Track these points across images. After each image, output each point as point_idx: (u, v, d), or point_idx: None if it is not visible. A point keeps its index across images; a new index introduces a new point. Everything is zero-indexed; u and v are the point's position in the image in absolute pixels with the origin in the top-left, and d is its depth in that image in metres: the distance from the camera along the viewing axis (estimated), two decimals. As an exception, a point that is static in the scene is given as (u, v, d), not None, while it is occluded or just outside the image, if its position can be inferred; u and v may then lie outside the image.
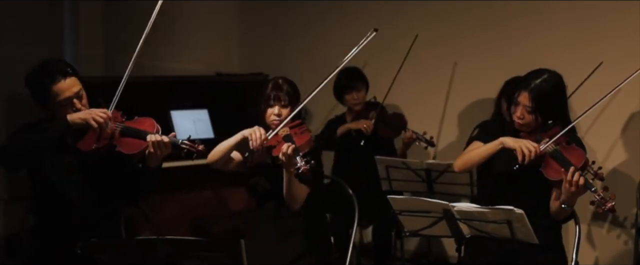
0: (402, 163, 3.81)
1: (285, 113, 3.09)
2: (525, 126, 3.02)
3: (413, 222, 2.88)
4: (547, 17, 4.49)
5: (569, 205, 2.86)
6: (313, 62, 5.24)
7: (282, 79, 3.19)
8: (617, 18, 4.26)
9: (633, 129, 4.24)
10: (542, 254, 2.97)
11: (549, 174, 2.88)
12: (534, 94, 2.94)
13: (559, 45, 4.40)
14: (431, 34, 4.88)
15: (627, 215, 4.28)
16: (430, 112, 4.86)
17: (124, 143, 2.86)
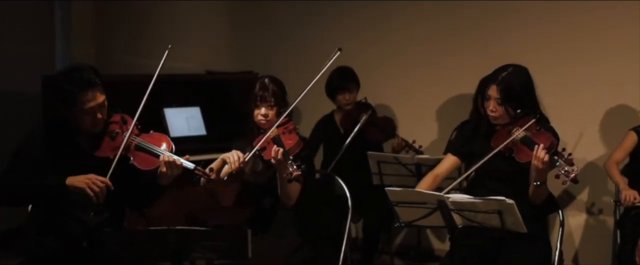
0: (394, 158, 3.94)
1: (272, 114, 3.17)
2: (498, 119, 3.20)
3: (408, 213, 2.99)
4: (523, 17, 4.65)
5: (541, 182, 3.04)
6: (302, 60, 5.34)
7: (268, 79, 3.25)
8: (591, 17, 4.44)
9: (609, 122, 4.42)
10: (529, 244, 3.11)
11: (520, 157, 3.08)
12: (501, 86, 3.15)
13: (534, 45, 4.57)
14: (416, 34, 5.03)
15: (604, 206, 4.47)
16: (416, 110, 4.99)
17: (138, 157, 2.93)
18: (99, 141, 2.96)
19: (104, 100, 2.92)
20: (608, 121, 4.42)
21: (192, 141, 4.71)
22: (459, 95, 4.84)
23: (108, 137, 2.96)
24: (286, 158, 2.95)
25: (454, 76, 4.88)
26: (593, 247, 4.53)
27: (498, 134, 3.21)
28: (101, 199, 2.80)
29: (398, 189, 3.02)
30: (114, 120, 3.01)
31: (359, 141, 4.28)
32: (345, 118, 4.43)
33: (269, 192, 3.23)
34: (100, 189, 2.79)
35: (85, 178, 2.81)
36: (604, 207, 4.48)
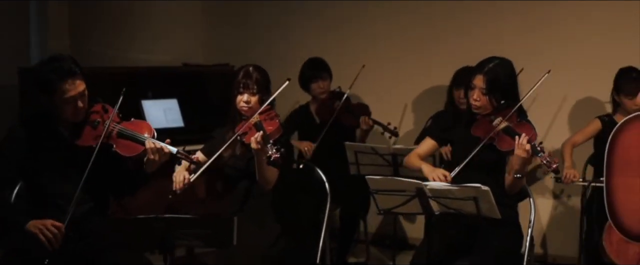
0: (371, 148, 4.04)
1: (254, 100, 3.26)
2: (480, 108, 3.29)
3: (387, 200, 3.10)
4: (496, 10, 4.79)
5: (521, 175, 3.15)
6: (276, 53, 5.42)
7: (252, 67, 3.33)
8: (561, 10, 4.59)
9: (578, 113, 4.58)
10: (501, 230, 3.23)
11: (502, 146, 3.18)
12: (488, 76, 3.23)
13: (506, 37, 4.71)
14: (390, 27, 5.14)
15: (572, 193, 4.64)
16: (392, 102, 5.10)
17: (121, 145, 2.97)
18: (81, 131, 3.00)
19: (85, 89, 2.95)
20: (577, 112, 4.59)
21: (170, 133, 4.69)
22: (433, 86, 4.96)
23: (89, 127, 3.00)
24: (266, 142, 3.03)
25: (428, 68, 5.00)
26: (561, 233, 4.70)
27: (478, 123, 3.30)
28: (56, 245, 2.81)
29: (377, 177, 3.11)
30: (95, 110, 3.05)
31: (336, 128, 4.37)
32: (321, 107, 4.51)
33: (245, 175, 3.31)
34: (54, 235, 2.81)
35: (39, 223, 2.82)
36: (572, 191, 4.64)
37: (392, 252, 4.85)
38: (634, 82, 3.92)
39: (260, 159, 3.13)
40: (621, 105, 4.05)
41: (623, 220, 2.57)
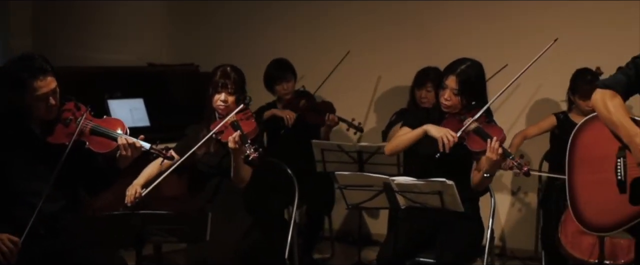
0: (337, 146, 4.13)
1: (231, 100, 3.33)
2: (451, 107, 3.39)
3: (356, 195, 3.19)
4: (456, 12, 4.92)
5: (490, 174, 3.26)
6: (241, 52, 5.44)
7: (230, 67, 3.41)
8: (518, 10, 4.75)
9: (535, 113, 4.73)
10: (464, 224, 3.36)
11: (473, 146, 3.28)
12: (460, 77, 3.33)
13: (467, 39, 4.85)
14: (353, 27, 5.24)
15: (529, 189, 4.81)
16: (356, 101, 5.20)
17: (94, 141, 2.99)
18: (53, 128, 3.01)
19: (56, 86, 2.97)
20: (534, 112, 4.74)
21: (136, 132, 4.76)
22: (395, 86, 5.08)
23: (61, 124, 3.02)
24: (244, 141, 3.10)
25: (390, 68, 5.11)
26: (518, 227, 4.86)
27: (448, 122, 3.39)
28: (11, 260, 2.79)
29: (346, 173, 3.20)
30: (67, 108, 3.07)
31: (301, 127, 4.45)
32: (286, 107, 4.56)
33: (219, 172, 3.38)
34: (10, 250, 2.79)
35: None
36: (529, 188, 4.81)
37: (356, 248, 4.96)
38: (589, 84, 4.07)
39: (237, 158, 3.19)
40: (576, 105, 4.20)
41: (584, 214, 2.68)
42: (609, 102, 2.59)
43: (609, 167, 2.59)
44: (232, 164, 3.25)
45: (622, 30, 4.39)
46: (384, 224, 5.11)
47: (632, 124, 2.51)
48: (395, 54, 5.12)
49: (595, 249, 3.74)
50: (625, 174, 2.53)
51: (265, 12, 5.54)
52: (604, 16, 4.50)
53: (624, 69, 2.64)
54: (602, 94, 2.63)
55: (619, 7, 4.43)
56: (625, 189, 2.52)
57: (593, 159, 2.68)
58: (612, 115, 2.56)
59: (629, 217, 2.52)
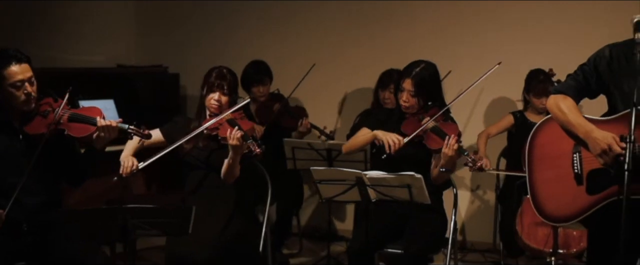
0: (307, 144, 4.29)
1: (225, 100, 3.45)
2: (410, 108, 3.59)
3: (329, 190, 3.35)
4: (415, 15, 5.13)
5: (447, 170, 3.44)
6: (209, 55, 5.56)
7: (226, 69, 3.53)
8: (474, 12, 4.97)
9: (492, 112, 4.97)
10: (428, 216, 3.56)
11: (431, 145, 3.47)
12: (415, 80, 3.52)
13: (426, 41, 5.07)
14: (319, 31, 5.40)
15: (487, 185, 5.05)
16: (323, 102, 5.36)
17: (73, 127, 3.09)
18: (32, 120, 3.09)
19: (32, 76, 3.05)
20: (491, 111, 4.98)
21: (106, 132, 4.85)
22: (359, 88, 5.27)
23: (40, 116, 3.10)
24: (245, 139, 3.24)
25: (354, 70, 5.29)
26: (477, 221, 5.10)
27: (408, 122, 3.58)
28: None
29: (321, 168, 3.36)
30: (45, 102, 3.16)
31: (274, 129, 4.58)
32: (260, 109, 4.69)
33: (205, 167, 3.49)
34: None
35: None
36: (487, 186, 5.06)
37: (322, 244, 5.13)
38: (542, 83, 4.33)
39: (236, 154, 3.30)
40: (531, 104, 4.45)
41: (545, 207, 2.86)
42: (563, 104, 2.79)
43: (565, 164, 2.78)
44: (228, 161, 3.35)
45: (574, 33, 4.66)
46: (350, 221, 5.30)
47: (586, 121, 2.71)
48: (359, 57, 5.30)
49: (550, 239, 3.98)
50: (581, 168, 2.73)
51: (234, 14, 5.65)
52: (557, 19, 4.76)
53: (573, 75, 2.86)
54: (555, 98, 2.83)
55: (571, 10, 4.70)
56: (582, 180, 2.73)
57: (550, 157, 2.86)
58: (567, 116, 2.75)
59: (586, 207, 2.71)
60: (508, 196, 4.44)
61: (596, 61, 2.76)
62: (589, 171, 2.72)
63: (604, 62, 2.73)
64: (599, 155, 2.61)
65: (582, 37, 4.53)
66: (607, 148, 2.57)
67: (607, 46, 2.75)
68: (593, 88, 2.79)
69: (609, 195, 2.64)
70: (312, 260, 4.83)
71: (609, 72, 2.72)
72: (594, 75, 2.77)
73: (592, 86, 2.79)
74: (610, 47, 2.74)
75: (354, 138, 3.72)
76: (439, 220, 3.66)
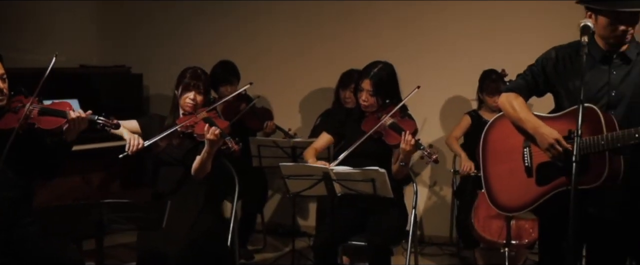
0: (272, 142, 4.42)
1: (200, 99, 3.57)
2: (369, 107, 3.75)
3: (297, 184, 3.49)
4: (376, 17, 5.29)
5: (405, 163, 3.61)
6: (171, 55, 5.66)
7: (200, 70, 3.65)
8: (432, 16, 5.17)
9: (447, 110, 5.18)
10: (390, 210, 3.72)
11: (389, 140, 3.63)
12: (373, 80, 3.70)
13: (386, 42, 5.24)
14: (282, 32, 5.52)
15: (443, 181, 5.25)
16: (286, 102, 5.49)
17: (43, 121, 3.17)
18: (3, 116, 3.15)
19: (4, 73, 3.12)
20: (446, 109, 5.19)
21: (72, 132, 4.88)
22: (321, 88, 5.41)
23: (11, 113, 3.16)
24: (223, 136, 3.37)
25: (316, 71, 5.43)
26: (434, 216, 5.30)
27: (368, 120, 3.74)
28: None
29: (290, 164, 3.50)
30: (16, 99, 3.23)
31: (239, 129, 4.65)
32: (227, 108, 4.77)
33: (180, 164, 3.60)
34: None
35: None
36: (443, 182, 5.26)
37: (286, 239, 5.27)
38: (494, 82, 4.54)
39: (211, 150, 3.41)
40: (484, 102, 4.66)
41: (499, 199, 3.06)
42: (514, 102, 2.99)
43: (517, 157, 2.98)
44: (201, 155, 3.45)
45: (525, 35, 4.89)
46: (312, 218, 5.44)
47: (535, 118, 2.91)
48: (321, 57, 5.44)
49: (503, 231, 4.19)
50: (531, 161, 2.94)
51: (198, 15, 5.74)
52: (509, 22, 4.99)
53: (523, 74, 3.06)
54: (507, 96, 3.03)
55: (523, 14, 4.93)
56: (532, 173, 2.93)
57: (502, 152, 3.05)
58: (518, 113, 2.95)
59: (536, 198, 2.91)
60: (464, 191, 4.63)
61: (544, 62, 2.96)
62: (538, 164, 2.92)
63: (551, 64, 2.94)
64: (547, 149, 2.81)
65: (532, 39, 4.72)
66: (553, 142, 2.77)
67: (553, 48, 2.96)
68: (541, 87, 3.00)
69: (557, 186, 2.84)
70: (277, 255, 4.95)
71: (555, 73, 2.92)
72: (541, 75, 2.97)
73: (540, 85, 2.99)
74: (556, 49, 2.95)
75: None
76: (400, 213, 3.82)
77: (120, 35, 5.97)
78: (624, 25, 2.71)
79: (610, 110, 2.77)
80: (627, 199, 2.82)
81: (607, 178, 2.69)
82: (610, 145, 2.68)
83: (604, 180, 2.69)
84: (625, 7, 2.66)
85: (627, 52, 2.80)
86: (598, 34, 2.81)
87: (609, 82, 2.79)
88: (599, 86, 2.80)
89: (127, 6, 5.93)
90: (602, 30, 2.77)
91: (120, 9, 5.95)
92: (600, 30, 2.78)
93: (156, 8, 5.86)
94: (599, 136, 2.70)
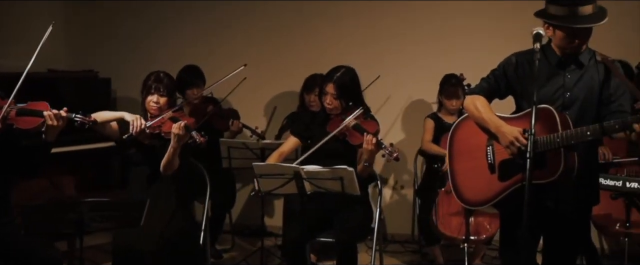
0: (242, 144, 4.55)
1: (163, 101, 3.69)
2: (334, 109, 3.93)
3: (269, 183, 3.63)
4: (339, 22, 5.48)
5: (369, 163, 3.78)
6: (139, 60, 5.72)
7: (162, 73, 3.77)
8: (393, 23, 5.35)
9: (409, 113, 5.37)
10: (356, 208, 3.88)
11: (353, 140, 3.81)
12: (337, 84, 3.88)
13: (350, 47, 5.43)
14: (248, 36, 5.64)
15: (405, 182, 5.46)
16: (253, 104, 5.62)
17: (21, 121, 3.27)
18: None
19: None
20: (408, 112, 5.39)
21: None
22: (286, 91, 5.56)
23: None
24: (188, 131, 3.50)
25: (283, 75, 5.57)
26: (397, 215, 5.49)
27: (333, 122, 3.91)
28: None
29: (262, 164, 3.64)
30: None
31: (207, 131, 4.77)
32: (194, 110, 4.87)
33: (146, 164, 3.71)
34: None
35: None
36: (405, 183, 5.45)
37: (253, 239, 5.39)
38: (453, 86, 4.75)
39: (178, 143, 3.53)
40: (444, 105, 4.87)
41: (464, 194, 3.25)
42: (477, 103, 3.19)
43: (481, 155, 3.17)
44: (168, 150, 3.57)
45: (483, 41, 5.13)
46: (278, 218, 5.56)
47: (497, 117, 3.12)
48: (286, 62, 5.58)
49: (462, 227, 4.38)
50: (494, 158, 3.14)
51: (165, 20, 5.83)
52: (468, 29, 5.23)
53: (486, 78, 3.27)
54: (471, 98, 3.23)
55: (481, 21, 5.18)
56: (495, 169, 3.14)
57: (468, 150, 3.25)
58: (481, 114, 3.15)
59: (498, 192, 3.10)
60: (426, 190, 4.81)
61: (505, 67, 3.18)
62: (500, 161, 3.12)
63: (511, 68, 3.15)
64: (507, 146, 3.02)
65: (490, 45, 5.00)
66: (513, 140, 2.98)
67: (513, 54, 3.18)
68: (502, 90, 3.21)
69: (517, 182, 3.04)
70: (245, 254, 5.07)
71: (515, 77, 3.14)
72: (503, 79, 3.18)
73: (502, 88, 3.20)
74: (516, 55, 3.17)
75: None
76: (366, 211, 3.99)
77: (88, 39, 6.01)
78: (579, 40, 2.94)
79: (565, 111, 3.00)
80: (578, 194, 3.05)
81: (562, 173, 2.90)
82: (564, 143, 2.89)
83: (560, 175, 2.90)
84: (580, 23, 2.88)
85: (580, 58, 3.03)
86: (556, 44, 3.04)
87: (564, 85, 3.02)
88: (555, 88, 3.03)
89: (95, 11, 5.97)
90: (560, 42, 2.99)
91: (88, 14, 5.99)
92: (557, 42, 3.01)
93: (124, 13, 5.93)
94: (554, 134, 2.91)
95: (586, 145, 2.94)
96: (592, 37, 2.98)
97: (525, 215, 2.72)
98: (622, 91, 2.96)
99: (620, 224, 4.28)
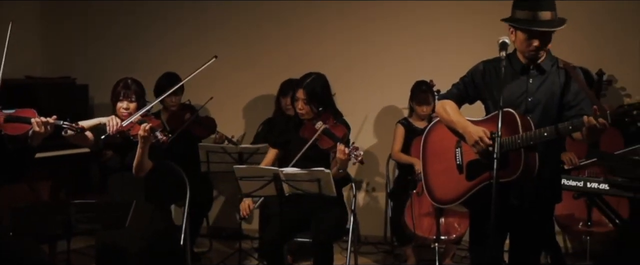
0: (221, 148, 4.68)
1: (133, 107, 3.83)
2: (305, 115, 4.09)
3: (249, 185, 3.76)
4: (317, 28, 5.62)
5: (343, 169, 3.94)
6: (117, 66, 5.80)
7: (130, 80, 3.90)
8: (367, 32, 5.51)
9: (381, 119, 5.53)
10: (332, 209, 4.03)
11: (322, 145, 3.97)
12: (307, 89, 4.05)
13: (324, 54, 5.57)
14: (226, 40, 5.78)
15: (377, 185, 5.62)
16: (231, 109, 5.74)
17: (9, 127, 3.37)
18: None
19: None
20: (380, 118, 5.56)
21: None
22: (263, 95, 5.70)
23: None
24: (153, 132, 3.63)
25: (259, 79, 5.71)
26: (369, 217, 5.64)
27: (305, 127, 4.08)
28: None
29: (243, 166, 3.77)
30: None
31: (185, 138, 4.89)
32: (172, 117, 5.00)
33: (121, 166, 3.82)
34: None
35: None
36: (377, 186, 5.62)
37: (229, 242, 5.50)
38: (424, 93, 4.92)
39: (144, 145, 3.65)
40: (414, 111, 5.04)
41: (436, 193, 3.42)
42: (447, 107, 3.37)
43: (451, 157, 3.36)
44: (137, 152, 3.69)
45: (453, 49, 5.32)
46: (255, 221, 5.68)
47: (465, 119, 3.29)
48: (263, 67, 5.72)
49: (433, 227, 4.57)
50: (462, 159, 3.33)
51: (143, 27, 5.92)
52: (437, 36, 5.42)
53: (456, 84, 3.45)
54: (442, 103, 3.42)
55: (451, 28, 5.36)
56: (463, 170, 3.32)
57: (439, 153, 3.43)
58: (450, 116, 3.33)
59: (466, 191, 3.28)
60: (398, 193, 4.97)
61: (473, 74, 3.37)
62: (468, 162, 3.30)
63: (479, 75, 3.34)
64: (473, 145, 3.20)
65: (459, 52, 5.21)
66: (478, 139, 3.17)
67: (481, 62, 3.37)
68: (471, 95, 3.40)
69: (483, 180, 3.23)
70: (222, 257, 5.18)
71: (483, 83, 3.33)
72: (471, 85, 3.38)
73: (470, 94, 3.40)
74: (484, 62, 3.36)
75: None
76: (341, 212, 4.15)
77: (66, 46, 6.08)
78: (537, 42, 3.14)
79: (528, 114, 3.19)
80: (541, 192, 3.24)
81: (522, 171, 3.09)
82: (524, 143, 3.09)
83: (520, 173, 3.10)
84: (539, 27, 3.10)
85: (542, 64, 3.23)
86: (517, 48, 3.24)
87: (526, 90, 3.22)
88: (519, 93, 3.22)
89: (72, 17, 6.04)
90: (520, 45, 3.20)
91: (65, 20, 6.06)
92: (518, 44, 3.21)
93: (102, 19, 6.01)
94: (515, 135, 3.11)
95: (545, 146, 3.14)
96: (555, 46, 3.19)
97: (492, 213, 2.90)
98: (582, 96, 3.16)
99: (583, 223, 4.51)
